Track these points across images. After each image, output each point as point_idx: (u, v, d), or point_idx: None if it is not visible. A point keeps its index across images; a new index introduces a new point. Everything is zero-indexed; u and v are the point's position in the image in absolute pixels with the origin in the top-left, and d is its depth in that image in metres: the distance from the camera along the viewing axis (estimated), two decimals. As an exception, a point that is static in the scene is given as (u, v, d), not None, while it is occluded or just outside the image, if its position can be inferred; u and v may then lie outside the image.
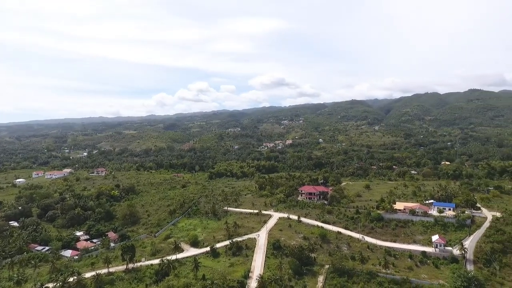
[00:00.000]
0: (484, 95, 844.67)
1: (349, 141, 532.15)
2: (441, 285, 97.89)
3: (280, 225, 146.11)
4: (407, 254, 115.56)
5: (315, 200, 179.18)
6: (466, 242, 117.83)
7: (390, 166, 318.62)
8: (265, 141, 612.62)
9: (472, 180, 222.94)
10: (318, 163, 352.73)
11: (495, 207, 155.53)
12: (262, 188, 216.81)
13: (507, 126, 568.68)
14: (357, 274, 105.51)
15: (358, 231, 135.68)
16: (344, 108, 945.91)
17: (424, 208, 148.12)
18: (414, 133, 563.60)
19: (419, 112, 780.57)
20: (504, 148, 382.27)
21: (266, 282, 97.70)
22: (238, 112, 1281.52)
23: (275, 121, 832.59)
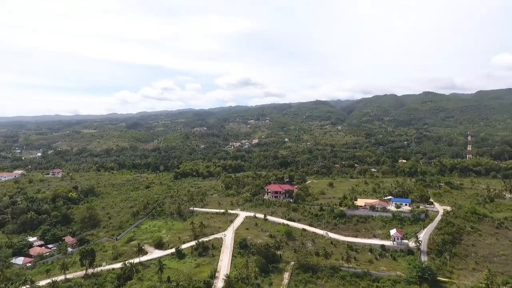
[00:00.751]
0: (436, 98, 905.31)
1: (313, 141, 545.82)
2: (398, 276, 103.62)
3: (246, 224, 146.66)
4: (368, 248, 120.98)
5: (281, 198, 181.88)
6: (420, 235, 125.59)
7: (352, 165, 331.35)
8: (232, 140, 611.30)
9: (426, 177, 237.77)
10: (284, 162, 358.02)
11: (445, 202, 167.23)
12: (228, 188, 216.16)
13: (456, 127, 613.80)
14: (321, 269, 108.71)
15: (322, 227, 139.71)
16: (309, 108, 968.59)
17: (383, 204, 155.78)
18: (374, 133, 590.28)
19: (379, 113, 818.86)
20: (454, 147, 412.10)
21: (232, 281, 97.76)
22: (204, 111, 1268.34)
23: (242, 121, 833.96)
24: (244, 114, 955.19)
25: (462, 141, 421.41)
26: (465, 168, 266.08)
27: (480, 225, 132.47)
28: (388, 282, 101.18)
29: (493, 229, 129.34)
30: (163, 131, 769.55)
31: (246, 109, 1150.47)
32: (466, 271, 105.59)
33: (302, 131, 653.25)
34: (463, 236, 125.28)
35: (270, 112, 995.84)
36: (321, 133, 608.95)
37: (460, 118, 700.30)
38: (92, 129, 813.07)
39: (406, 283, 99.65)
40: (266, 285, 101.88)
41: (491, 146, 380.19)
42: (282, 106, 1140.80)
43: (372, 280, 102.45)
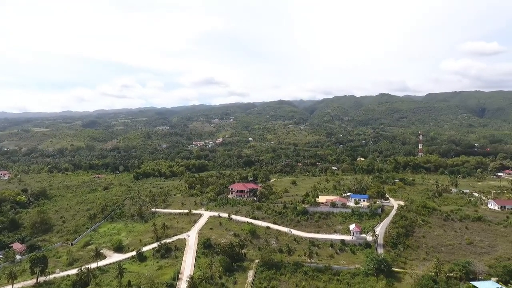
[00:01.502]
0: (391, 99, 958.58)
1: (277, 140, 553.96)
2: (357, 269, 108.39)
3: (210, 224, 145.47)
4: (329, 243, 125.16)
5: (245, 197, 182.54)
6: (377, 229, 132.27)
7: (314, 163, 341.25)
8: (195, 139, 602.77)
9: (382, 174, 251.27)
10: (248, 161, 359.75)
11: (400, 197, 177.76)
12: (192, 187, 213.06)
13: (409, 127, 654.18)
14: (285, 265, 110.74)
15: (285, 225, 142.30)
16: (272, 108, 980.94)
17: (343, 200, 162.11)
18: (335, 132, 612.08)
19: (339, 113, 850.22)
20: (407, 145, 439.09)
21: (196, 282, 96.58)
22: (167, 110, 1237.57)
23: (205, 120, 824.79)
24: (208, 113, 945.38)
25: (414, 140, 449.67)
26: (417, 165, 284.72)
27: (430, 218, 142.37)
28: (348, 275, 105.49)
29: (441, 221, 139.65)
30: (123, 130, 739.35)
31: (210, 108, 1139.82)
32: (418, 261, 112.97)
33: (266, 131, 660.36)
34: (415, 228, 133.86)
35: (234, 111, 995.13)
36: (284, 133, 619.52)
37: (412, 118, 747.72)
38: (43, 127, 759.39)
39: (364, 275, 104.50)
40: (230, 284, 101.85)
41: (439, 144, 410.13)
42: (246, 106, 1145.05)
43: (333, 274, 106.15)
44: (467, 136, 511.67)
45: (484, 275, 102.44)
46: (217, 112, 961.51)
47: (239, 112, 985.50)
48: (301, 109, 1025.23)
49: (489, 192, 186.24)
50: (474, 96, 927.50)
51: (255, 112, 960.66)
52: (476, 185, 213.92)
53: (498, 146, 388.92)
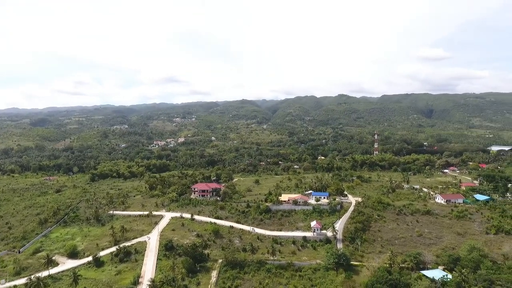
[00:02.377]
0: (349, 100, 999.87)
1: (240, 139, 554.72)
2: (317, 264, 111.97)
3: (172, 225, 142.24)
4: (291, 241, 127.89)
5: (208, 197, 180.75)
6: (337, 225, 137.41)
7: (277, 162, 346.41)
8: (156, 139, 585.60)
9: (341, 172, 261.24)
10: (211, 161, 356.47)
11: (357, 193, 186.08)
12: (153, 188, 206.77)
13: (365, 126, 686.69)
14: (248, 264, 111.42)
15: (249, 223, 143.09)
16: (235, 107, 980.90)
17: (305, 198, 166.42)
18: (296, 132, 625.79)
19: (300, 113, 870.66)
20: (364, 144, 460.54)
21: (158, 285, 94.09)
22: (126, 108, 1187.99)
23: (167, 119, 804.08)
24: (169, 111, 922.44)
25: (370, 139, 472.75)
26: (373, 163, 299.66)
27: (385, 212, 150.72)
28: (309, 270, 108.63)
29: (395, 215, 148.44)
30: (77, 128, 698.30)
31: (172, 107, 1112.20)
32: (374, 254, 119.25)
33: (229, 130, 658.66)
34: (371, 223, 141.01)
35: (197, 110, 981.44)
36: (247, 132, 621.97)
37: (369, 118, 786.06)
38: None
39: (324, 270, 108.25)
40: (193, 286, 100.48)
41: (393, 143, 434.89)
42: (209, 105, 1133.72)
43: (295, 270, 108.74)
44: (417, 135, 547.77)
45: (432, 264, 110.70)
46: (179, 111, 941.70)
47: (202, 111, 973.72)
48: (264, 109, 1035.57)
49: (436, 187, 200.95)
50: (423, 98, 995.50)
51: (218, 111, 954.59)
52: (425, 181, 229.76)
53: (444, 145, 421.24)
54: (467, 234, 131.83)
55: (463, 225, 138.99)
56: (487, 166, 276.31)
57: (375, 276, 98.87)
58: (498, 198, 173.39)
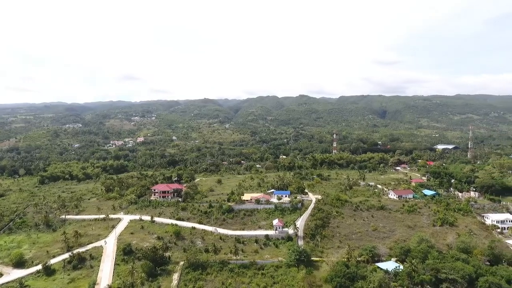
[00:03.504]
0: (310, 101, 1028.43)
1: (202, 139, 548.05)
2: (280, 261, 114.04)
3: (131, 228, 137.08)
4: (254, 239, 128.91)
5: (169, 198, 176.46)
6: (298, 222, 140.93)
7: (239, 161, 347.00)
8: (113, 138, 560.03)
9: (302, 170, 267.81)
10: (172, 161, 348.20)
11: (317, 191, 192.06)
12: (109, 190, 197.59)
13: (325, 126, 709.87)
14: (211, 265, 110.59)
15: (211, 224, 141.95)
16: (197, 106, 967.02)
17: (267, 197, 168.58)
18: (259, 131, 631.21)
19: (262, 113, 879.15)
20: (323, 143, 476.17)
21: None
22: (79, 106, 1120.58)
23: (125, 117, 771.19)
24: (127, 110, 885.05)
25: (329, 138, 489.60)
26: (332, 161, 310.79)
27: (343, 209, 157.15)
28: (272, 268, 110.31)
29: (352, 211, 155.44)
30: (24, 127, 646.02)
31: (130, 105, 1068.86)
32: (333, 249, 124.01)
33: (190, 129, 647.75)
34: (330, 219, 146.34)
35: (157, 109, 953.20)
36: (209, 131, 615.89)
37: (328, 118, 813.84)
38: None
39: (286, 267, 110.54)
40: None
41: (350, 142, 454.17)
42: (170, 103, 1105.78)
43: (258, 269, 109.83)
44: (372, 135, 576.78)
45: (386, 256, 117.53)
46: (138, 109, 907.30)
47: (162, 110, 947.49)
48: (226, 108, 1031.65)
49: (390, 184, 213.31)
50: (378, 100, 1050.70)
51: (179, 110, 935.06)
52: (380, 178, 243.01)
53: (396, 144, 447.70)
54: (416, 227, 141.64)
55: (413, 218, 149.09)
56: (434, 163, 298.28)
57: (334, 270, 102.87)
58: (443, 193, 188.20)
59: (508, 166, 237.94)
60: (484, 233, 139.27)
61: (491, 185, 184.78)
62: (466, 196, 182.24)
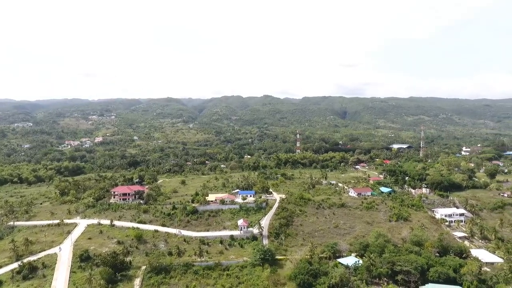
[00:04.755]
0: (274, 101, 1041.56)
1: (165, 138, 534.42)
2: (245, 261, 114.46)
3: (89, 233, 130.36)
4: (219, 240, 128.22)
5: (130, 200, 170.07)
6: (262, 222, 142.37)
7: (204, 161, 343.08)
8: (68, 138, 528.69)
9: (266, 170, 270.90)
10: (133, 162, 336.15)
11: (281, 190, 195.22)
12: (64, 194, 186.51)
13: (288, 126, 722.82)
14: (175, 268, 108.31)
15: (175, 226, 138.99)
16: (160, 105, 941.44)
17: (232, 197, 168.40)
18: (223, 131, 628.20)
19: (227, 112, 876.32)
20: (287, 143, 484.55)
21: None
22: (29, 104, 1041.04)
23: (81, 116, 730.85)
24: (84, 108, 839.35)
25: (292, 138, 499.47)
26: (295, 161, 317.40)
27: (306, 207, 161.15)
28: (237, 268, 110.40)
29: (315, 210, 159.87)
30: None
31: (87, 103, 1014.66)
32: (296, 247, 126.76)
33: (153, 129, 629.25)
34: (294, 218, 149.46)
35: (117, 107, 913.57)
36: (173, 131, 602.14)
37: (291, 119, 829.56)
38: None
39: (251, 267, 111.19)
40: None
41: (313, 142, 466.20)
42: (131, 102, 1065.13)
43: (223, 270, 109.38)
44: (333, 135, 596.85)
45: (346, 252, 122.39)
46: (96, 108, 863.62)
47: (122, 108, 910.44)
48: (190, 108, 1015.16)
49: (350, 182, 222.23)
50: (339, 101, 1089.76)
51: (141, 109, 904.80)
52: (340, 176, 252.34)
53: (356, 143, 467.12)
54: (374, 222, 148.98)
55: (371, 215, 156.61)
56: (390, 162, 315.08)
57: (298, 268, 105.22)
58: (398, 190, 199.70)
59: (455, 164, 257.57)
60: (434, 226, 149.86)
61: (440, 182, 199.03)
62: (418, 192, 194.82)
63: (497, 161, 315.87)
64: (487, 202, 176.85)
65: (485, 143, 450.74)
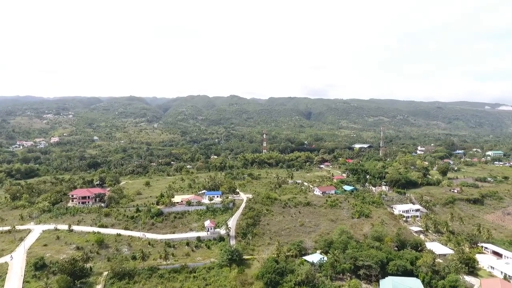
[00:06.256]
0: (240, 101, 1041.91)
1: (128, 139, 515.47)
2: (212, 263, 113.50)
3: (44, 240, 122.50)
4: (185, 242, 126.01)
5: (90, 204, 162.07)
6: (230, 222, 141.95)
7: (169, 162, 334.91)
8: (20, 139, 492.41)
9: (233, 170, 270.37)
10: (93, 163, 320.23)
11: (248, 190, 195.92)
12: (16, 198, 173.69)
13: (255, 126, 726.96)
14: (139, 272, 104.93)
15: (139, 229, 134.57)
16: (122, 104, 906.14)
17: (198, 198, 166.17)
18: (189, 131, 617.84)
19: (193, 112, 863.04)
20: (254, 143, 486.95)
21: (25, 313, 79.66)
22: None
23: (35, 115, 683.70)
24: (38, 106, 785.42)
25: (259, 138, 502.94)
26: (262, 161, 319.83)
27: (272, 207, 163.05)
28: (204, 270, 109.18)
29: (281, 209, 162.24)
30: None
31: (41, 101, 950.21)
32: (264, 246, 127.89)
33: (114, 129, 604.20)
34: (261, 217, 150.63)
35: (75, 106, 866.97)
36: (136, 131, 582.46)
37: (258, 119, 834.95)
38: None
39: (218, 268, 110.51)
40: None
41: (279, 142, 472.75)
42: (90, 100, 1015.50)
43: (189, 272, 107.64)
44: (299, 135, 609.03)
45: (312, 249, 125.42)
46: (51, 106, 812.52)
47: (81, 107, 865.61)
48: (155, 107, 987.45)
49: (315, 181, 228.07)
50: (304, 102, 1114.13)
51: (101, 108, 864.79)
52: (306, 176, 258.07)
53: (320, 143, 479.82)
54: (338, 220, 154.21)
55: (335, 212, 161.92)
56: (352, 161, 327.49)
57: (265, 267, 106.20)
58: (360, 188, 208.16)
59: (411, 163, 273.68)
60: (393, 222, 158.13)
61: (398, 180, 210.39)
62: (378, 190, 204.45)
63: (448, 159, 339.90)
64: (439, 198, 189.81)
65: (438, 143, 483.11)
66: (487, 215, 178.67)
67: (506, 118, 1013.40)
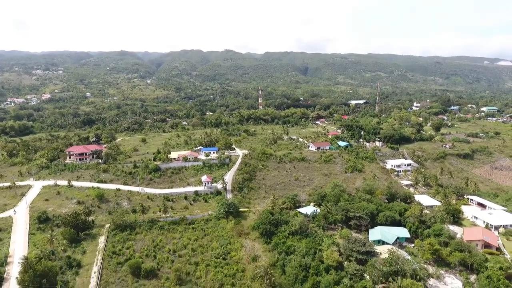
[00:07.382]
0: (236, 56, 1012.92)
1: (121, 95, 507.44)
2: (209, 215, 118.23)
3: (45, 195, 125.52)
4: (183, 196, 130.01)
5: (87, 160, 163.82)
6: (226, 177, 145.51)
7: (164, 119, 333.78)
8: (11, 95, 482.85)
9: (229, 127, 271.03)
10: (87, 120, 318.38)
11: (244, 146, 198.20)
12: (13, 155, 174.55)
13: (250, 82, 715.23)
14: (140, 224, 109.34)
15: (137, 184, 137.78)
16: (113, 59, 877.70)
17: (195, 154, 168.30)
18: (184, 87, 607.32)
19: (187, 68, 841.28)
20: (249, 99, 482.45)
21: (33, 262, 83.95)
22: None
23: (24, 71, 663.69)
24: (26, 62, 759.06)
25: (255, 94, 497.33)
26: (258, 117, 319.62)
27: (268, 162, 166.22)
28: (202, 222, 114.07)
29: (276, 164, 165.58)
30: None
31: (29, 56, 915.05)
32: (259, 200, 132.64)
33: (107, 85, 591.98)
34: (256, 172, 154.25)
35: (64, 61, 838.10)
36: (129, 87, 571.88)
37: (253, 75, 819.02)
38: None
39: (216, 219, 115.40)
40: (78, 255, 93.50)
41: (275, 98, 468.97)
42: (79, 55, 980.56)
43: (188, 224, 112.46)
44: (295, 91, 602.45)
45: (306, 202, 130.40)
46: (40, 61, 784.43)
47: (71, 62, 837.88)
48: (147, 62, 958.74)
49: (310, 137, 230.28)
50: (300, 57, 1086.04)
51: (92, 63, 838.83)
52: (301, 132, 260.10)
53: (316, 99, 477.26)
54: (331, 174, 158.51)
55: (329, 167, 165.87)
56: (347, 117, 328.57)
57: (260, 218, 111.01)
58: (354, 143, 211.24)
59: (406, 119, 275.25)
60: (385, 176, 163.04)
61: (392, 135, 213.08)
62: (372, 145, 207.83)
63: (442, 115, 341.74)
64: (431, 153, 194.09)
65: (434, 99, 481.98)
66: (476, 169, 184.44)
67: (504, 73, 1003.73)
